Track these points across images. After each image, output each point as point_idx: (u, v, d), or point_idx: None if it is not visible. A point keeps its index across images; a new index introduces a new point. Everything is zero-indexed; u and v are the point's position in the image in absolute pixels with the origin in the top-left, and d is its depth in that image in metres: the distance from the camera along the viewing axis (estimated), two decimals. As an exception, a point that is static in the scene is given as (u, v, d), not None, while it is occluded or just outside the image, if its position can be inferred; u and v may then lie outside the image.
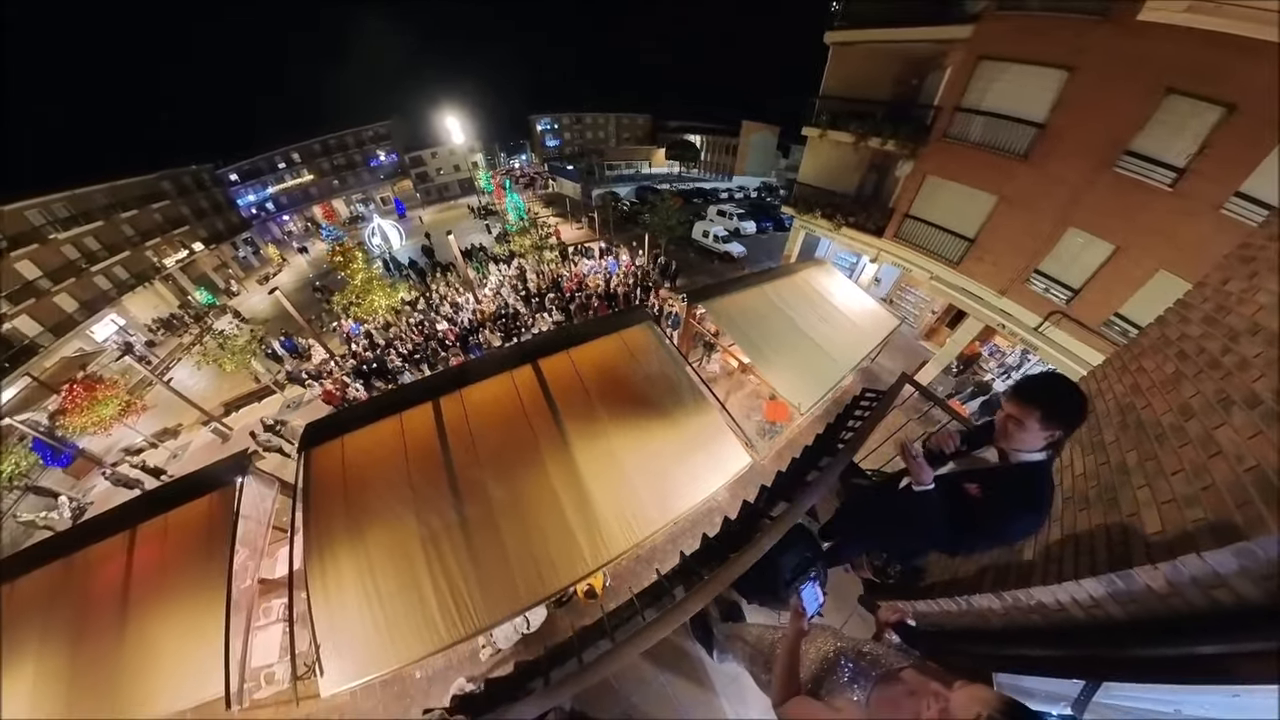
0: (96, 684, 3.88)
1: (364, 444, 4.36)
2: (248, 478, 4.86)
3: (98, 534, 4.67)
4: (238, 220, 33.97)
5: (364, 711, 5.55)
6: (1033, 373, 8.83)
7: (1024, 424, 1.48)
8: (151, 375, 12.66)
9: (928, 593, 2.25)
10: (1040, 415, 1.44)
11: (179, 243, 27.21)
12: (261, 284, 27.37)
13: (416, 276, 20.26)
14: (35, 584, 4.47)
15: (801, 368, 6.20)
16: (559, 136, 51.52)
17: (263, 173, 38.59)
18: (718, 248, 19.84)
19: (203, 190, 30.97)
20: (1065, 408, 1.44)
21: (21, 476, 12.29)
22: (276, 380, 14.11)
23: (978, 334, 9.40)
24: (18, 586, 4.50)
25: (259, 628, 5.21)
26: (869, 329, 7.34)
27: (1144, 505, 1.53)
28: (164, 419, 14.01)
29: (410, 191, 43.22)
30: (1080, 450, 2.11)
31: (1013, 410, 1.51)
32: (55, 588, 4.41)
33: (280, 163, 39.16)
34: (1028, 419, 1.46)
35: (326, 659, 3.24)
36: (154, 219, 26.10)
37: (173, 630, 4.00)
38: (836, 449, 3.71)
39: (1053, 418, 1.44)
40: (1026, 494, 1.57)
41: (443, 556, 3.61)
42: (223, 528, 4.36)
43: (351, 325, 15.78)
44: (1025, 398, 1.49)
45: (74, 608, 4.24)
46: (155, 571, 4.30)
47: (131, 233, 24.23)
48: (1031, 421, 1.46)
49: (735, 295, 6.85)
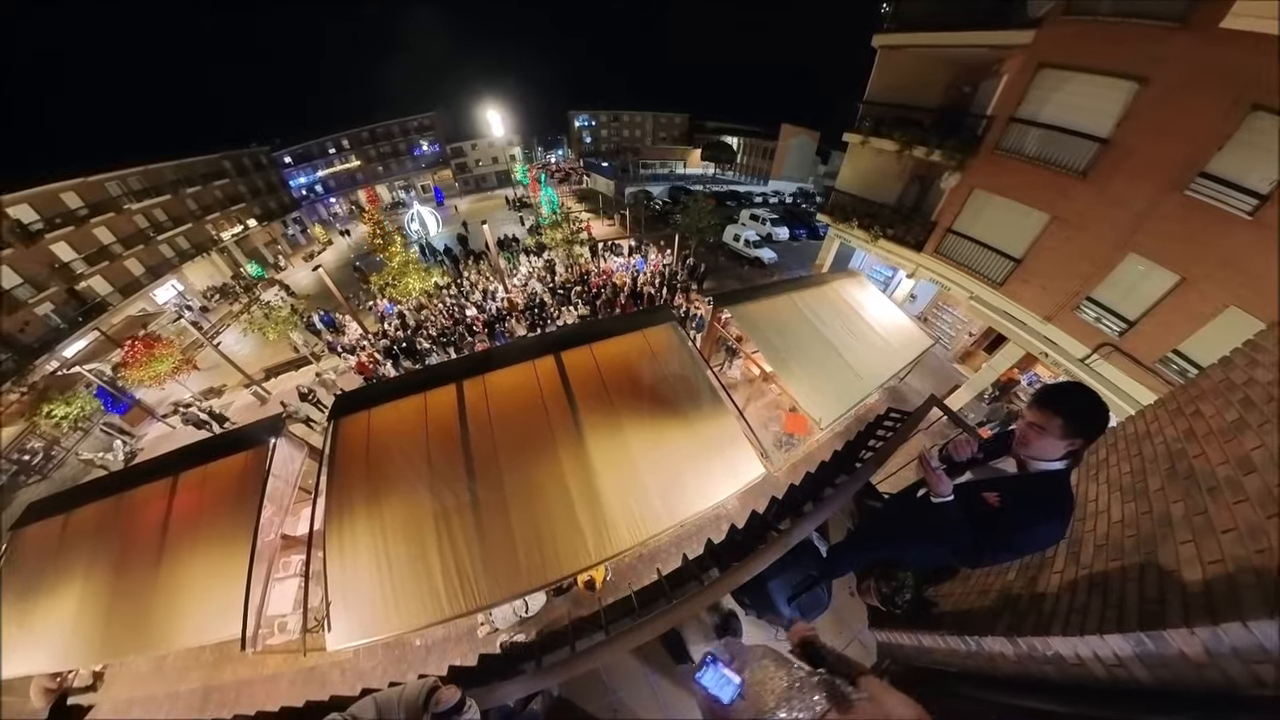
0: (131, 611, 4.25)
1: (389, 418, 4.57)
2: (280, 439, 5.19)
3: (146, 477, 5.09)
4: (289, 200, 35.83)
5: (364, 670, 5.84)
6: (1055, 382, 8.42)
7: (1045, 431, 1.47)
8: (203, 338, 13.60)
9: (936, 626, 2.15)
10: (1062, 423, 1.44)
11: (235, 218, 28.99)
12: (306, 261, 28.86)
13: (450, 263, 20.85)
14: (89, 516, 4.93)
15: (825, 381, 6.05)
16: (596, 133, 51.79)
17: (314, 157, 40.53)
18: (748, 252, 19.55)
19: (259, 170, 32.83)
20: (1087, 417, 1.44)
21: (85, 419, 13.63)
22: (314, 351, 14.90)
23: (1017, 361, 8.87)
24: (74, 516, 4.99)
25: (277, 580, 5.57)
26: (900, 347, 7.09)
27: (1186, 563, 1.41)
28: (211, 379, 15.06)
29: (450, 181, 44.46)
30: (1119, 495, 1.97)
31: (1034, 417, 1.51)
32: (105, 522, 4.83)
33: (330, 148, 41.01)
34: (1049, 426, 1.46)
35: (335, 616, 3.41)
36: (214, 195, 27.89)
37: (201, 572, 4.32)
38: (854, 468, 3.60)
39: (1074, 426, 1.44)
40: (1046, 502, 1.55)
41: (452, 532, 3.74)
42: (254, 483, 4.67)
43: (386, 305, 16.41)
44: (1048, 405, 1.48)
45: (119, 541, 4.64)
46: (191, 516, 4.65)
47: (194, 207, 26.02)
48: (1053, 429, 1.46)
49: (763, 302, 6.76)
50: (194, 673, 6.19)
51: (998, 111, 8.21)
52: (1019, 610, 1.81)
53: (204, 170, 27.43)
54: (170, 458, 5.32)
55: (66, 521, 4.94)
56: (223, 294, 24.78)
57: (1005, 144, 8.12)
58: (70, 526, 4.90)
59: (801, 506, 3.27)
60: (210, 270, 26.29)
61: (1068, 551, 1.89)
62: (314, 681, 5.82)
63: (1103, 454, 2.33)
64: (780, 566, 2.41)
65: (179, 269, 23.82)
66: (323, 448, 4.45)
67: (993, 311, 8.79)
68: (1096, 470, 2.26)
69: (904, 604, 2.26)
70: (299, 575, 5.18)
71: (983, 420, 9.29)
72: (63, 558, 4.68)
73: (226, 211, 28.32)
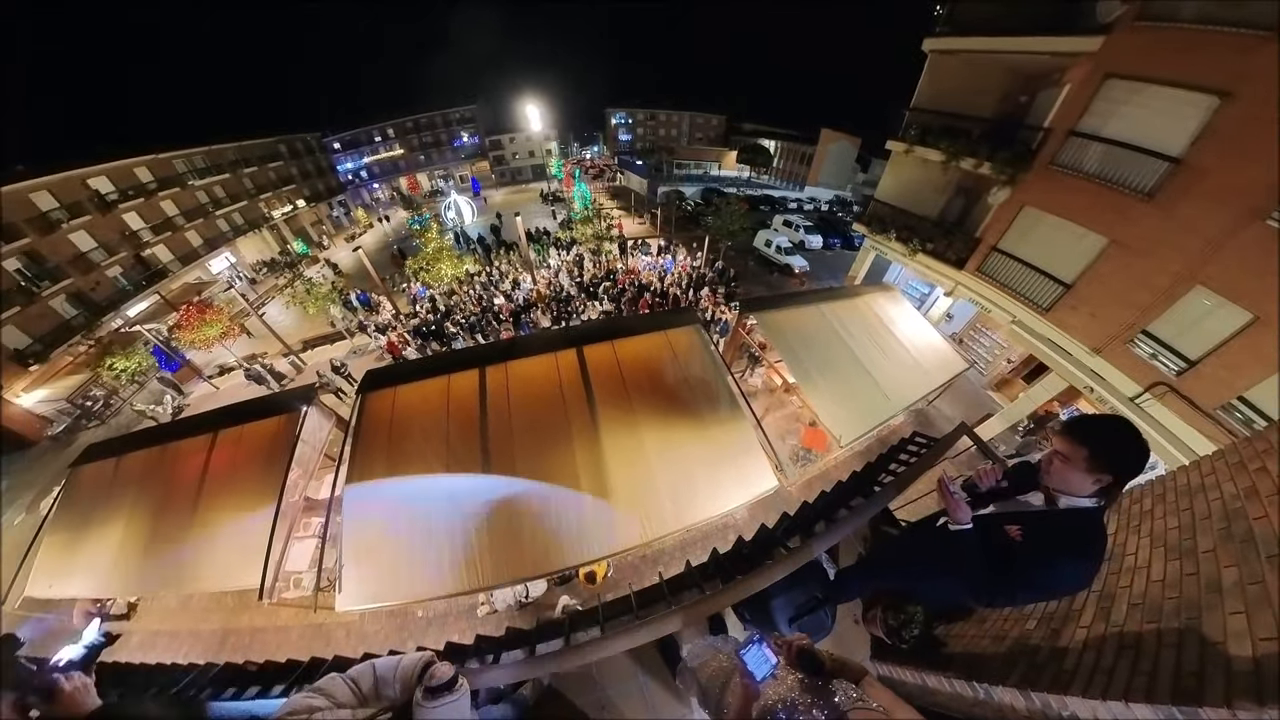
0: (167, 552, 4.60)
1: (413, 397, 4.71)
2: (311, 408, 5.46)
3: (189, 431, 5.47)
4: (335, 184, 37.55)
5: (367, 633, 6.10)
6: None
7: (1070, 462, 1.40)
8: (249, 307, 14.54)
9: (944, 666, 2.05)
10: (1088, 455, 1.35)
11: (286, 198, 30.67)
12: (348, 241, 30.12)
13: (482, 252, 21.36)
14: (137, 461, 5.36)
15: (849, 397, 5.86)
16: (632, 131, 51.85)
17: (361, 144, 42.32)
18: (779, 259, 19.17)
19: (310, 155, 34.54)
20: (1118, 452, 1.34)
21: (141, 374, 14.81)
22: (348, 328, 15.60)
23: (1058, 394, 8.33)
24: (125, 460, 5.42)
25: (297, 538, 5.86)
26: (931, 368, 6.77)
27: (1234, 636, 1.28)
28: (254, 346, 15.96)
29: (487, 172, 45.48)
30: (1163, 552, 1.81)
31: (1061, 446, 1.43)
32: (151, 468, 5.24)
33: (376, 135, 42.71)
34: (1074, 457, 1.38)
35: (347, 579, 3.57)
36: (269, 176, 29.56)
37: (230, 523, 4.61)
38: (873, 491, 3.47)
39: (1102, 461, 1.34)
40: (1072, 540, 1.45)
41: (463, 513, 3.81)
42: (285, 446, 4.95)
43: (419, 288, 16.96)
44: (1075, 435, 1.40)
45: (161, 487, 5.02)
46: (226, 471, 4.98)
47: (250, 186, 27.67)
48: (1077, 460, 1.37)
49: (790, 310, 6.59)
50: (215, 615, 6.67)
51: (1056, 124, 7.72)
52: (1036, 662, 1.69)
53: (261, 152, 29.12)
54: (212, 416, 5.71)
55: (118, 464, 5.39)
56: (270, 268, 26.19)
57: (1062, 159, 7.64)
58: (121, 469, 5.35)
59: (813, 525, 3.17)
60: (260, 245, 27.88)
61: (1097, 606, 1.75)
62: (320, 638, 6.13)
63: (1147, 504, 2.15)
64: (785, 585, 2.35)
65: (233, 242, 25.40)
66: (349, 419, 4.66)
67: (1035, 338, 8.30)
68: (1139, 521, 2.08)
69: (911, 639, 2.16)
70: (317, 536, 5.46)
71: (1014, 454, 8.80)
72: (112, 496, 5.10)
73: (278, 191, 29.97)
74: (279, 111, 69.60)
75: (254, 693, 2.37)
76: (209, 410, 6.06)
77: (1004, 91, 9.50)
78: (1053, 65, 8.13)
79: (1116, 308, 7.08)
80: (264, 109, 74.83)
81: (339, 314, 16.38)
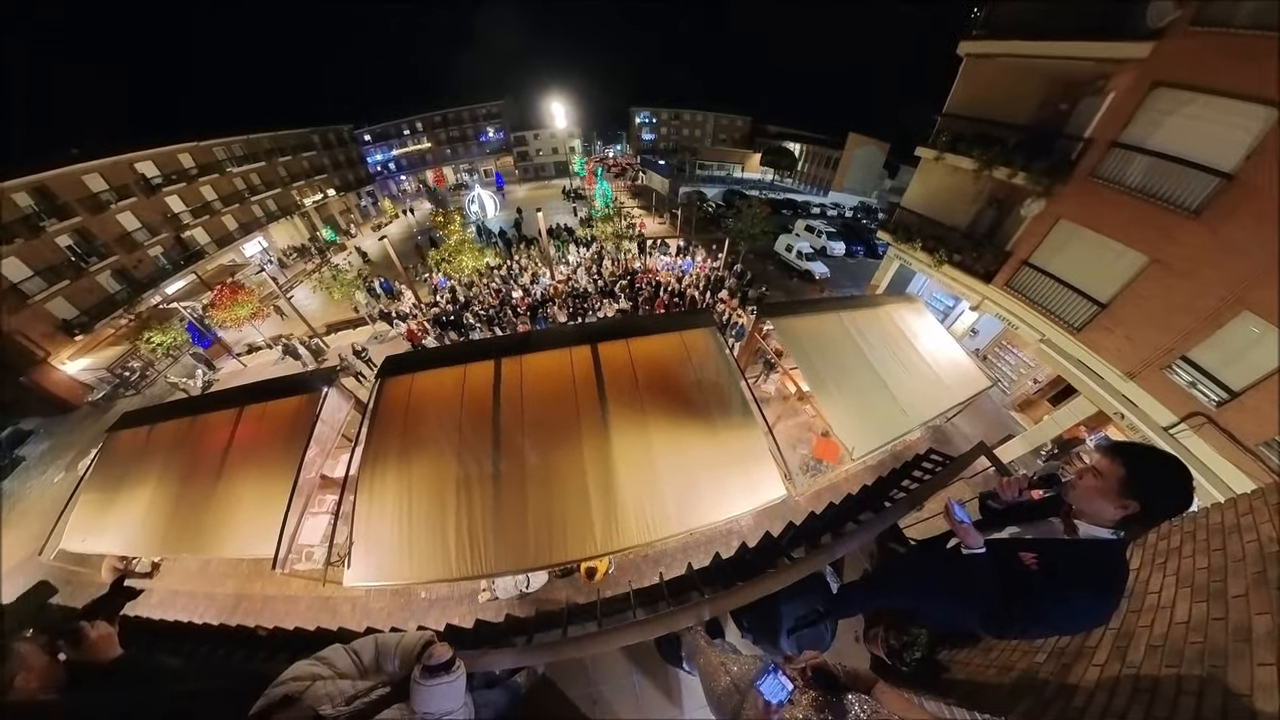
0: (190, 517, 4.84)
1: (429, 384, 4.83)
2: (331, 389, 5.66)
3: (217, 405, 5.74)
4: (364, 175, 38.62)
5: (371, 609, 6.29)
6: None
7: (1102, 479, 1.34)
8: (278, 290, 15.06)
9: (945, 692, 1.98)
10: (1123, 477, 1.29)
11: (317, 187, 31.63)
12: (374, 231, 30.87)
13: (503, 245, 21.61)
14: (168, 430, 5.66)
15: (864, 409, 5.73)
16: (655, 130, 51.71)
17: (390, 136, 43.36)
18: (799, 264, 18.90)
19: (341, 146, 35.56)
20: (1157, 482, 1.28)
21: (176, 348, 15.68)
22: (370, 314, 16.06)
23: (1086, 418, 7.97)
24: (157, 429, 5.73)
25: (311, 514, 6.08)
26: (952, 384, 6.57)
27: (1262, 689, 1.21)
28: (280, 327, 16.63)
29: (510, 167, 46.05)
30: (1189, 593, 1.72)
31: (1099, 463, 1.38)
32: (180, 437, 5.52)
33: (405, 129, 43.69)
34: (1108, 476, 1.32)
35: (356, 556, 3.70)
36: (302, 165, 30.56)
37: (250, 494, 4.82)
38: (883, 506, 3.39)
39: (1135, 487, 1.28)
40: (1091, 574, 1.39)
41: (471, 500, 3.92)
42: (305, 425, 5.15)
43: (440, 279, 17.29)
44: (1117, 453, 1.34)
45: (189, 456, 5.29)
46: (249, 445, 5.21)
47: (284, 174, 28.64)
48: (1110, 481, 1.31)
49: (808, 317, 6.49)
50: (231, 580, 7.01)
51: (1098, 134, 7.37)
52: (1043, 698, 1.63)
53: (295, 142, 30.14)
54: (239, 391, 5.98)
55: (151, 432, 5.71)
56: (299, 254, 27.04)
57: (1103, 171, 7.30)
58: (153, 436, 5.66)
59: (820, 537, 3.12)
60: (291, 231, 28.80)
61: (1113, 644, 1.68)
62: (327, 610, 6.36)
63: (1176, 541, 2.05)
64: (786, 595, 2.32)
65: (266, 228, 26.33)
66: (367, 402, 4.81)
67: (1065, 359, 7.97)
68: (1166, 559, 1.99)
69: (912, 661, 2.11)
70: (330, 513, 5.63)
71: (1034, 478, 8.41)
72: (143, 461, 5.41)
73: (310, 180, 30.96)
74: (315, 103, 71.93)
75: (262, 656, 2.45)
76: (236, 386, 6.35)
77: (1043, 98, 9.11)
78: (1096, 72, 7.76)
79: (1154, 331, 6.74)
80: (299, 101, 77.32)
81: (363, 300, 16.84)
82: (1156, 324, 6.71)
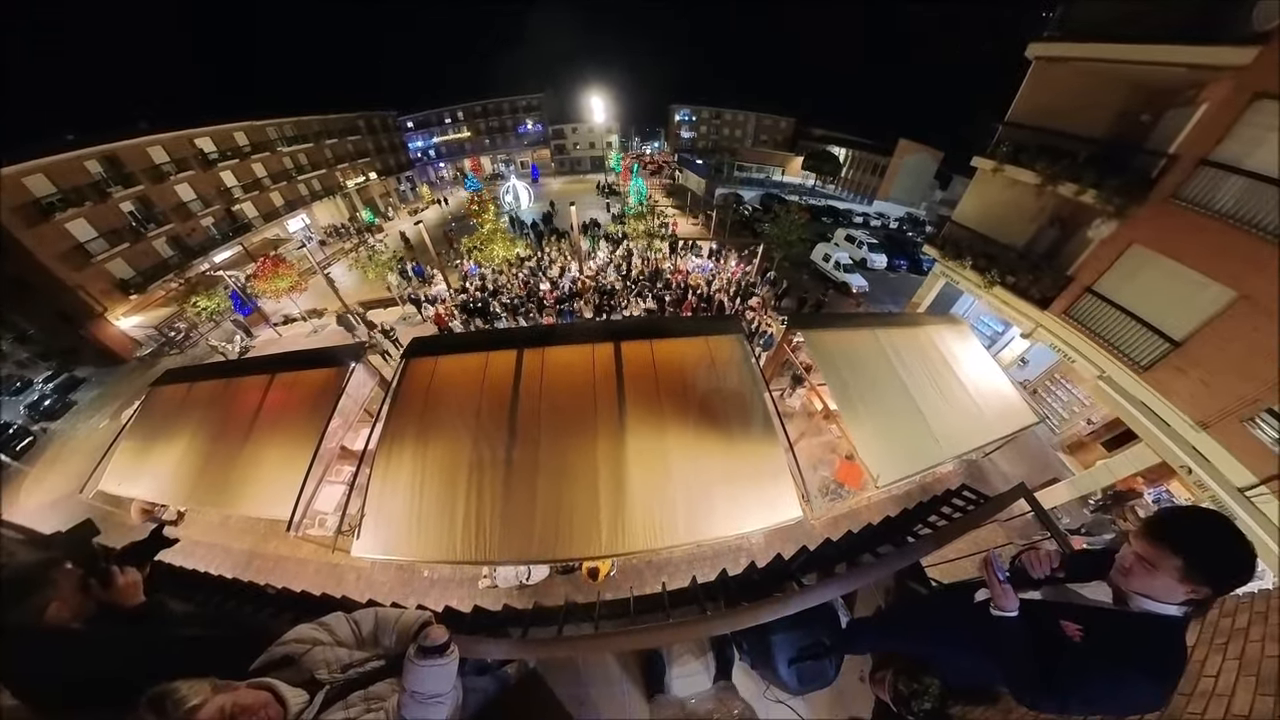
0: (217, 473, 5.09)
1: (452, 368, 4.92)
2: (358, 365, 5.85)
3: (252, 370, 6.01)
4: (405, 160, 39.86)
5: (375, 581, 6.51)
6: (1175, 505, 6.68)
7: (1157, 570, 1.16)
8: (316, 267, 15.72)
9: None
10: (1182, 566, 1.11)
11: (360, 170, 32.84)
12: (411, 215, 31.72)
13: (535, 237, 21.75)
14: (205, 389, 5.97)
15: (894, 435, 5.37)
16: (695, 129, 51.15)
17: (431, 124, 44.57)
18: (836, 275, 18.25)
19: (385, 131, 36.78)
20: (1219, 562, 1.11)
21: (218, 314, 16.68)
22: (400, 295, 16.55)
23: (1145, 468, 7.24)
24: (195, 387, 6.05)
25: (328, 482, 6.31)
26: (993, 417, 6.09)
27: None
28: (316, 301, 17.35)
29: (547, 160, 46.50)
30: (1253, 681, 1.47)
31: (1145, 551, 1.18)
32: (215, 397, 5.81)
33: (447, 117, 44.79)
34: (1163, 565, 1.14)
35: (366, 528, 3.82)
36: (347, 148, 31.82)
37: (273, 457, 5.02)
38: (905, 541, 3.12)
39: (1201, 574, 1.11)
40: (1146, 654, 1.20)
41: (481, 486, 3.97)
42: (331, 396, 5.34)
43: (471, 266, 17.58)
44: (1165, 539, 1.15)
45: (221, 415, 5.57)
46: (277, 411, 5.43)
47: (329, 156, 29.87)
48: (1168, 570, 1.13)
49: (841, 332, 6.16)
50: (247, 537, 7.41)
51: (1184, 150, 6.66)
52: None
53: (342, 126, 31.43)
54: (272, 359, 6.28)
55: (190, 389, 6.07)
56: (338, 233, 28.06)
57: (1187, 193, 6.59)
58: (191, 394, 6.01)
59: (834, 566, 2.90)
60: (333, 211, 30.02)
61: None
62: (333, 577, 6.61)
63: (1242, 621, 1.79)
64: (791, 622, 2.15)
65: (309, 206, 27.56)
66: (391, 380, 4.96)
67: (1126, 400, 7.26)
68: (1227, 640, 1.74)
69: (921, 713, 1.91)
70: (346, 484, 5.84)
71: (1079, 528, 7.76)
72: (180, 416, 5.76)
73: (354, 163, 32.18)
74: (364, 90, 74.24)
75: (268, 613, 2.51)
76: (270, 354, 6.62)
77: (1121, 108, 8.34)
78: (1187, 80, 6.99)
79: (1236, 377, 6.02)
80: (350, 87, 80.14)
81: (396, 281, 17.30)
82: (1239, 369, 6.00)
